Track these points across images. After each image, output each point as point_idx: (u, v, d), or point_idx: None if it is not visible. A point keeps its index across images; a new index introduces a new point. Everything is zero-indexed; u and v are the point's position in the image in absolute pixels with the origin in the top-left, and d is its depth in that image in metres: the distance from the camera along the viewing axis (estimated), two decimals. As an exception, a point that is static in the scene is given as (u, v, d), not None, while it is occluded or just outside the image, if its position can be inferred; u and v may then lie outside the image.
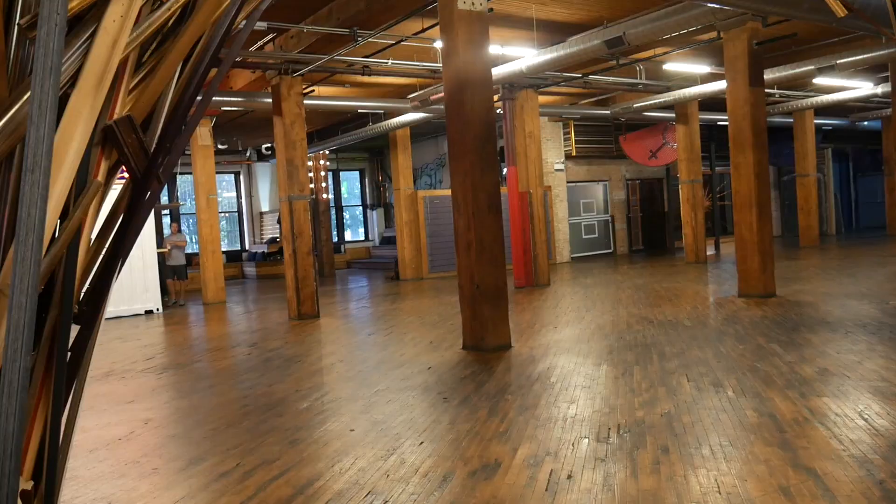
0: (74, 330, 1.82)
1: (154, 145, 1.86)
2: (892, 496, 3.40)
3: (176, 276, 15.20)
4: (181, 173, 20.12)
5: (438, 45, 9.58)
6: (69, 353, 1.77)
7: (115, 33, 1.64)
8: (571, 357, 7.18)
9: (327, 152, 22.45)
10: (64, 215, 1.67)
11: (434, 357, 7.64)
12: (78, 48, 1.62)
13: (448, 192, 9.46)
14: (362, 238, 26.68)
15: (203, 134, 15.63)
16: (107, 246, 1.85)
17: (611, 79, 14.46)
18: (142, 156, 1.79)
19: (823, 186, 25.45)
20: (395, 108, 15.57)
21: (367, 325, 10.89)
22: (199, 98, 2.03)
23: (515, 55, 11.67)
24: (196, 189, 15.86)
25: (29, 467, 1.69)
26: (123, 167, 1.84)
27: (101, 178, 1.74)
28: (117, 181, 1.98)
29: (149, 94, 1.85)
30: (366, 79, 13.45)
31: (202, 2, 1.85)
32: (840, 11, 4.93)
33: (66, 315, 1.70)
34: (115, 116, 1.75)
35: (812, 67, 13.43)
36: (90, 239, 1.80)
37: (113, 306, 13.20)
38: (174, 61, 1.86)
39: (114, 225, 1.87)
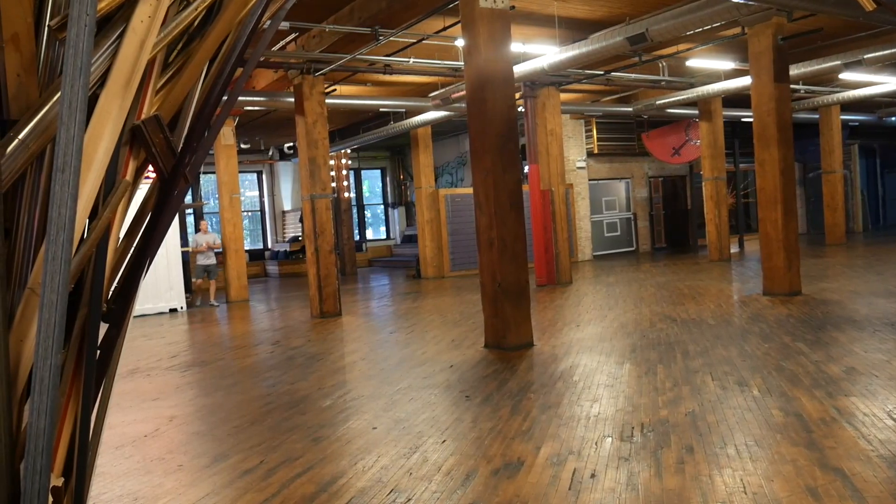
0: (103, 328, 1.84)
1: (181, 145, 1.88)
2: (922, 498, 3.35)
3: (207, 274, 14.83)
4: (204, 172, 20.30)
5: (460, 43, 9.57)
6: (98, 352, 1.79)
7: (143, 34, 1.65)
8: (594, 355, 7.14)
9: (349, 151, 22.52)
10: (93, 215, 1.69)
11: (456, 355, 7.64)
12: (107, 49, 1.64)
13: (469, 190, 9.45)
14: (384, 236, 26.74)
15: (226, 133, 15.75)
16: (135, 245, 1.87)
17: (633, 76, 14.36)
18: (169, 155, 1.81)
19: (850, 183, 25.10)
20: (416, 106, 15.58)
21: (388, 324, 10.92)
22: (224, 98, 2.04)
23: (537, 53, 11.63)
24: (219, 188, 15.98)
25: (59, 464, 1.71)
26: (151, 166, 1.86)
27: (129, 177, 1.76)
28: (145, 180, 2.00)
29: (176, 94, 1.87)
30: (387, 77, 13.47)
31: (228, 2, 1.87)
32: (868, 5, 4.85)
33: (96, 313, 1.72)
34: (143, 116, 1.76)
35: (838, 62, 13.23)
36: (118, 238, 1.82)
37: (138, 304, 13.21)
38: (201, 61, 1.87)
39: (142, 224, 1.89)
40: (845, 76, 15.25)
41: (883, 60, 12.83)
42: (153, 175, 1.91)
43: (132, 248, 1.87)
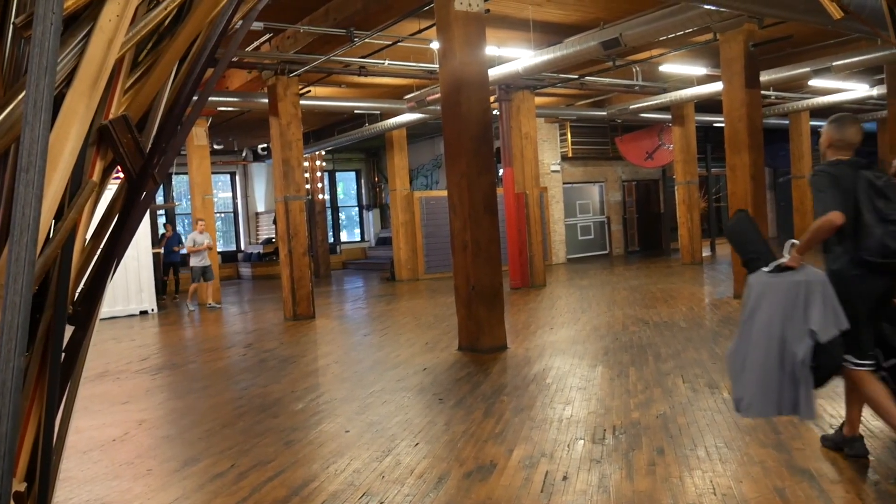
0: (69, 331, 1.81)
1: (150, 145, 1.86)
2: (886, 497, 3.41)
3: (203, 277, 14.30)
4: (177, 173, 20.10)
5: (435, 45, 9.58)
6: (63, 355, 1.76)
7: (111, 33, 1.63)
8: (567, 358, 7.18)
9: (323, 153, 22.43)
10: (58, 215, 1.66)
11: (430, 358, 7.64)
12: (73, 47, 1.61)
13: (444, 192, 9.46)
14: (358, 239, 26.66)
15: (199, 134, 15.60)
16: (102, 246, 1.84)
17: (607, 80, 14.48)
18: (137, 156, 1.78)
19: (819, 188, 25.44)
20: (391, 108, 15.57)
21: (362, 326, 10.88)
22: (195, 98, 2.02)
23: (512, 56, 11.68)
24: (191, 189, 15.83)
25: (22, 469, 1.68)
26: (119, 167, 1.83)
27: (96, 178, 1.74)
28: (113, 181, 1.97)
29: (145, 94, 1.84)
30: (362, 79, 13.44)
31: (199, 2, 1.85)
32: (836, 14, 4.93)
33: (61, 316, 1.69)
34: (111, 116, 1.74)
35: (808, 69, 13.45)
36: (85, 239, 1.79)
37: (108, 307, 13.14)
38: (170, 61, 1.85)
39: (109, 225, 1.86)
40: (814, 83, 15.51)
41: (851, 68, 13.06)
42: (122, 176, 1.88)
43: (99, 250, 1.84)
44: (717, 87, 13.26)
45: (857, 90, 17.39)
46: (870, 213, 3.64)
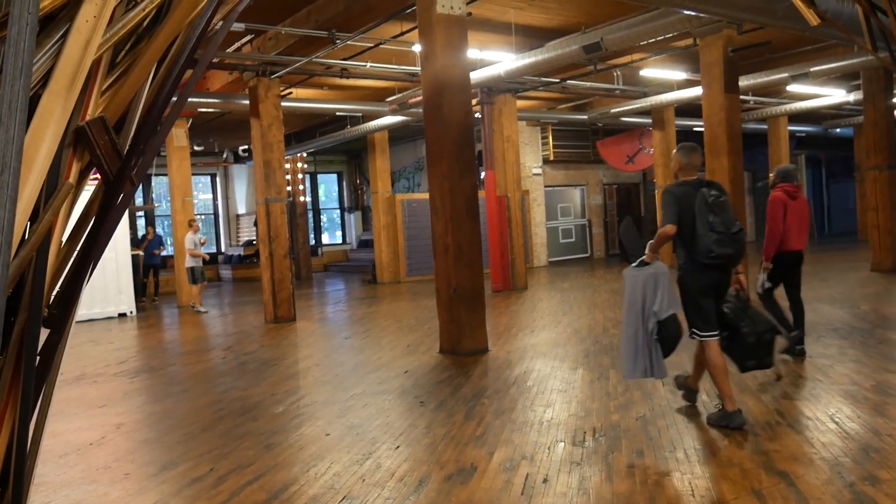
0: (44, 334, 1.79)
1: (127, 147, 1.84)
2: (862, 499, 3.45)
3: (195, 278, 14.04)
4: (156, 175, 19.92)
5: (417, 48, 9.58)
6: (38, 358, 1.74)
7: (88, 33, 1.62)
8: (548, 361, 7.20)
9: (305, 154, 22.35)
10: (34, 217, 1.64)
11: (411, 361, 7.63)
12: (50, 48, 1.60)
13: (426, 195, 9.46)
14: (340, 241, 26.59)
15: (179, 135, 15.50)
16: (78, 249, 1.82)
17: (588, 84, 14.55)
18: (115, 157, 1.77)
19: (797, 192, 25.74)
20: (373, 111, 15.55)
21: (343, 329, 10.85)
22: (174, 99, 2.00)
23: (494, 59, 11.71)
24: (171, 191, 15.71)
25: (-5, 473, 1.66)
26: (96, 169, 1.82)
27: (72, 179, 1.72)
28: (90, 182, 1.96)
29: (122, 95, 1.83)
30: (344, 81, 13.42)
31: (177, 3, 1.84)
32: (813, 20, 4.99)
33: (35, 319, 1.67)
34: (88, 117, 1.72)
35: (786, 75, 13.61)
36: (61, 241, 1.77)
37: (85, 309, 13.00)
38: (149, 62, 1.84)
39: (85, 227, 1.84)
40: (792, 88, 15.69)
41: (828, 73, 13.24)
42: (99, 177, 1.87)
43: (75, 253, 1.82)
44: (697, 91, 13.39)
45: (834, 95, 17.62)
46: (702, 224, 4.70)
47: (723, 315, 4.92)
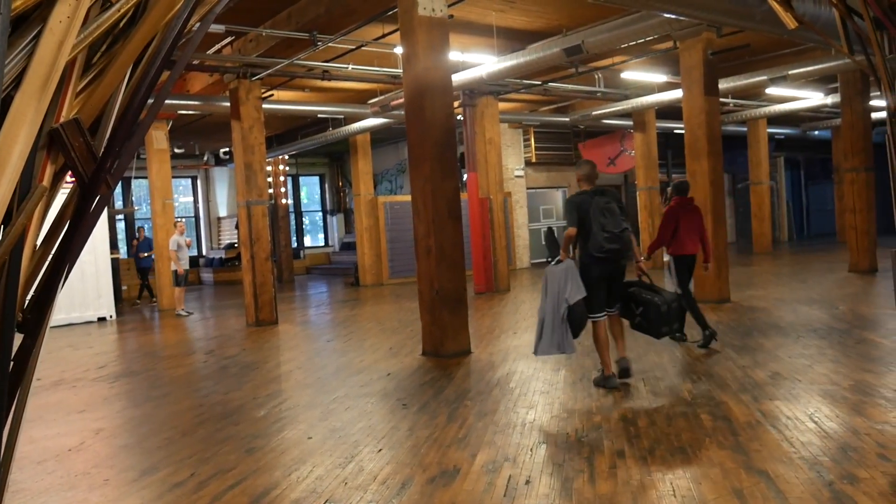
0: (18, 338, 1.77)
1: (103, 149, 1.82)
2: (840, 497, 3.48)
3: (182, 282, 13.90)
4: (136, 177, 19.75)
5: (399, 50, 9.57)
6: (12, 363, 1.72)
7: (62, 34, 1.60)
8: (530, 362, 7.21)
9: (287, 157, 22.26)
10: (7, 220, 1.62)
11: (393, 363, 7.61)
12: (22, 49, 1.58)
13: (408, 197, 9.44)
14: (322, 243, 26.49)
15: (159, 137, 15.38)
16: (53, 252, 1.80)
17: (570, 86, 14.61)
18: (90, 160, 1.75)
19: (776, 194, 26.05)
20: (355, 113, 15.52)
21: (326, 332, 10.81)
22: (150, 101, 1.98)
23: (475, 62, 11.72)
24: (151, 194, 15.59)
25: (-32, 481, 1.63)
26: (71, 171, 1.79)
27: (46, 182, 1.70)
28: (65, 185, 1.93)
29: (98, 97, 1.81)
30: (326, 83, 13.38)
31: (154, 3, 1.82)
32: (791, 24, 5.04)
33: (9, 323, 1.65)
34: (62, 119, 1.70)
35: (765, 77, 13.75)
36: (35, 245, 1.75)
37: (64, 313, 12.86)
38: (124, 63, 1.82)
39: (60, 231, 1.82)
40: (771, 91, 15.84)
41: (806, 76, 13.38)
42: (74, 180, 1.84)
43: (50, 256, 1.80)
44: (678, 94, 13.48)
45: (812, 98, 17.81)
46: (596, 225, 5.92)
47: (632, 296, 6.23)
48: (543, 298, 6.07)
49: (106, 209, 14.78)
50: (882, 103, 4.39)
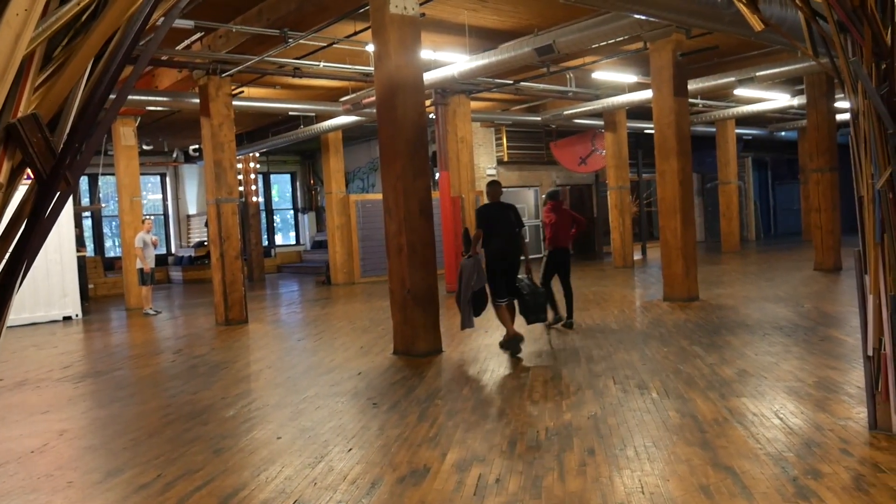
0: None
1: (62, 145, 1.78)
2: (804, 492, 3.53)
3: (148, 280, 13.64)
4: (103, 174, 19.45)
5: (370, 48, 9.53)
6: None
7: (19, 27, 1.56)
8: (502, 361, 7.23)
9: (257, 154, 22.07)
10: (-39, 218, 1.58)
11: (364, 362, 7.58)
12: (-23, 42, 1.54)
13: (380, 196, 9.42)
14: (293, 242, 26.32)
15: (127, 134, 15.15)
16: (10, 251, 1.75)
17: (541, 86, 14.66)
18: (48, 156, 1.71)
19: (744, 194, 26.42)
20: (326, 110, 15.43)
21: (296, 331, 10.73)
22: (112, 96, 1.95)
23: (447, 60, 11.71)
24: (119, 191, 15.35)
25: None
26: (29, 168, 1.75)
27: (2, 179, 1.65)
28: (23, 183, 1.89)
29: (57, 92, 1.77)
30: (297, 81, 13.29)
31: (115, -3, 1.78)
32: (757, 26, 5.10)
33: (-36, 323, 1.61)
34: (20, 114, 1.66)
35: (733, 79, 13.94)
36: (-9, 243, 1.71)
37: (29, 312, 12.63)
38: (85, 58, 1.78)
39: (18, 229, 1.77)
40: (739, 92, 16.05)
41: (773, 78, 13.58)
42: (32, 177, 1.80)
43: (7, 254, 1.75)
44: (648, 94, 13.59)
45: (779, 100, 18.09)
46: (496, 230, 7.67)
47: (517, 289, 7.80)
48: (465, 286, 7.55)
49: (72, 206, 14.42)
50: (846, 105, 4.46)
